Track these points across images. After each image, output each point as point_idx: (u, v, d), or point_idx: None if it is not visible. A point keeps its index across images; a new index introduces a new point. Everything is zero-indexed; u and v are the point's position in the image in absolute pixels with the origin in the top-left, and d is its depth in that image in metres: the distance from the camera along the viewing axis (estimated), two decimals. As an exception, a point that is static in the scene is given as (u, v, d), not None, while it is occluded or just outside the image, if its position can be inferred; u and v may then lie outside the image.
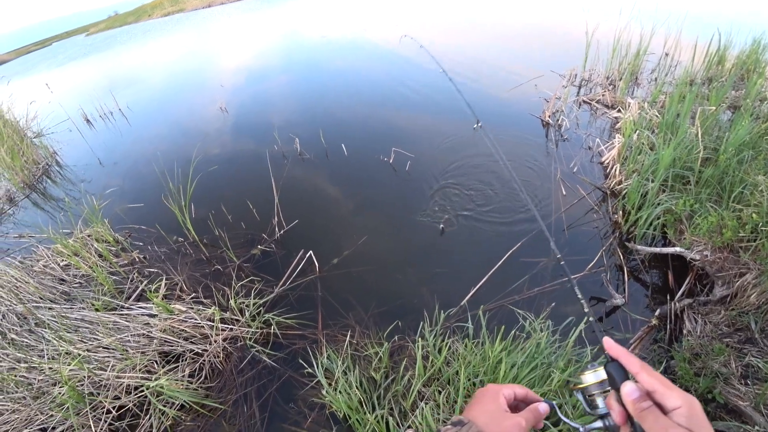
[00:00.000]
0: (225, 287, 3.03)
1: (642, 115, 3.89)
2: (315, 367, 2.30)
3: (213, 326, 2.64)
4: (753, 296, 2.29)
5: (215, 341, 2.59)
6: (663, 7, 6.81)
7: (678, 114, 3.50)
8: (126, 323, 2.74)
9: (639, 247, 2.91)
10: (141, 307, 2.89)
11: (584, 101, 5.12)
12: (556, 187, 3.65)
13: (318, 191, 4.20)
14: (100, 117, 7.62)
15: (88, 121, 7.53)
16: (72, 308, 2.96)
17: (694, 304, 2.52)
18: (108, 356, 2.51)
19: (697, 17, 6.71)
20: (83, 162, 5.86)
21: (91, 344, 2.59)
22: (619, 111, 4.59)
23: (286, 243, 3.49)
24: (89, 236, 3.67)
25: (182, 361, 2.53)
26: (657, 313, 2.49)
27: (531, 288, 2.77)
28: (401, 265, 3.15)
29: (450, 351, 2.24)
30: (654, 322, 2.45)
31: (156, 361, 2.51)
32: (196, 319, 2.67)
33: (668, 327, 2.44)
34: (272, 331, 2.70)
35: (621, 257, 2.90)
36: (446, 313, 2.55)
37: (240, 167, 4.88)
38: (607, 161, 3.86)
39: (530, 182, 3.75)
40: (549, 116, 4.76)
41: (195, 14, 24.50)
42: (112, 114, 7.71)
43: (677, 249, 2.68)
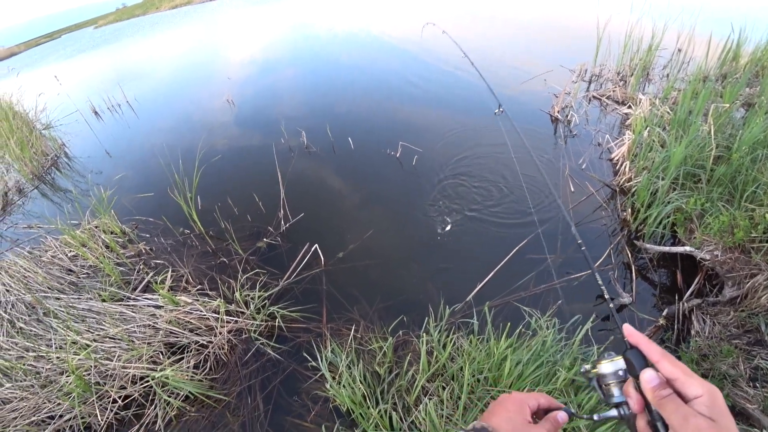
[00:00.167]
0: (230, 279, 3.04)
1: (653, 112, 3.83)
2: (319, 361, 2.30)
3: (218, 318, 2.65)
4: (764, 298, 2.26)
5: (220, 333, 2.60)
6: (676, 2, 6.69)
7: (690, 111, 3.44)
8: (132, 314, 2.76)
9: (648, 246, 2.87)
10: (147, 299, 2.91)
11: (594, 97, 5.05)
12: (564, 184, 3.61)
13: (324, 185, 4.19)
14: (108, 109, 7.66)
15: (96, 113, 7.57)
16: (79, 298, 2.99)
17: (703, 305, 2.49)
18: (114, 346, 2.53)
19: (712, 12, 6.57)
20: (91, 154, 5.90)
21: (98, 334, 2.62)
22: (630, 107, 4.52)
23: (292, 236, 3.50)
24: (97, 227, 3.70)
25: (187, 353, 2.55)
26: (665, 313, 2.46)
27: (537, 285, 2.75)
28: (406, 260, 3.14)
29: (455, 347, 2.23)
30: (661, 322, 2.43)
31: (161, 352, 2.53)
32: (202, 311, 2.68)
33: (676, 327, 2.41)
34: (277, 324, 2.70)
35: (629, 256, 2.87)
36: (451, 309, 2.54)
37: (246, 160, 4.88)
38: (617, 158, 3.81)
39: (536, 178, 3.71)
40: (558, 112, 4.70)
41: (203, 6, 24.51)
42: (120, 106, 7.74)
43: (687, 248, 2.64)
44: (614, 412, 0.60)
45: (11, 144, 5.40)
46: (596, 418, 0.63)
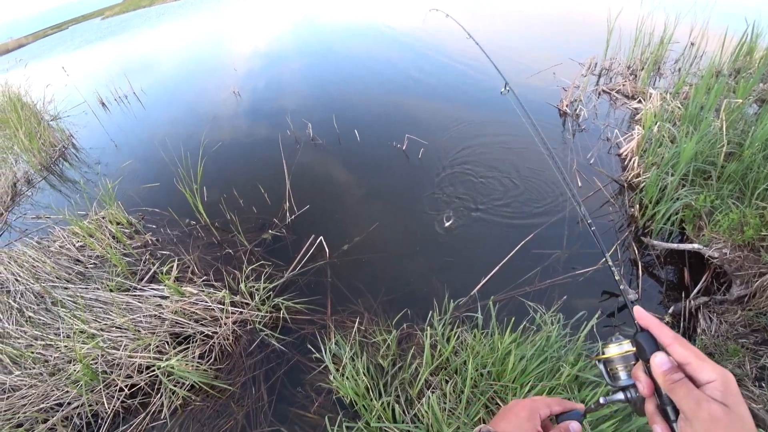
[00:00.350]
0: (235, 271, 3.06)
1: (664, 107, 3.77)
2: (323, 353, 2.31)
3: (223, 309, 2.67)
4: (773, 296, 2.23)
5: (225, 324, 2.62)
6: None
7: (702, 106, 3.38)
8: (138, 304, 2.79)
9: (655, 243, 2.84)
10: (153, 289, 2.94)
11: (603, 91, 4.98)
12: (572, 178, 3.57)
13: (330, 177, 4.19)
14: (115, 100, 7.67)
15: (104, 105, 7.59)
16: (87, 288, 3.02)
17: (710, 303, 2.46)
18: (121, 336, 2.56)
19: (727, 5, 6.43)
20: (99, 145, 5.92)
21: (105, 324, 2.65)
22: (640, 102, 4.45)
23: (297, 228, 3.50)
24: (104, 218, 3.73)
25: (192, 343, 2.57)
26: (671, 311, 2.45)
27: (543, 280, 2.74)
28: (411, 254, 3.14)
29: (458, 341, 2.23)
30: (667, 320, 2.41)
31: (167, 342, 2.55)
32: (207, 302, 2.70)
33: (682, 325, 2.39)
34: (281, 316, 2.72)
35: (636, 252, 2.84)
36: (455, 303, 2.53)
37: (252, 152, 4.88)
38: (626, 153, 3.76)
39: (544, 172, 3.68)
40: (567, 106, 4.65)
41: (209, -3, 24.37)
42: (127, 97, 7.76)
43: (695, 246, 2.61)
44: (621, 395, 0.59)
45: (20, 135, 5.44)
46: (602, 401, 0.62)
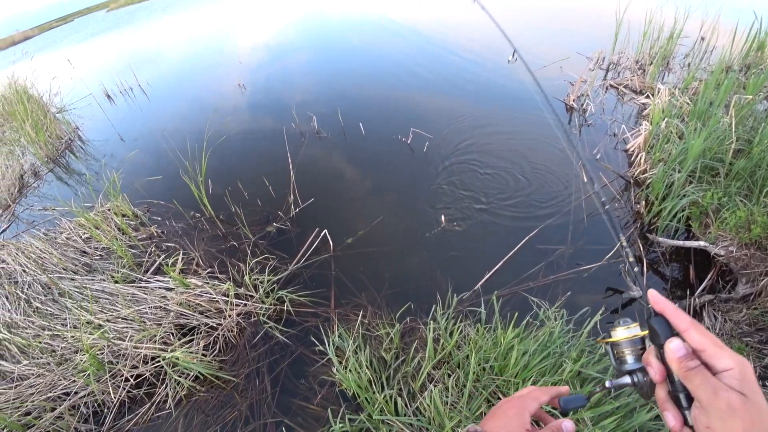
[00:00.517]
0: (240, 263, 3.07)
1: (672, 102, 3.73)
2: (326, 345, 2.33)
3: (227, 301, 2.69)
4: (779, 294, 2.21)
5: (229, 316, 2.64)
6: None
7: (711, 102, 3.34)
8: (144, 296, 2.81)
9: (661, 240, 2.83)
10: (158, 281, 2.96)
11: (611, 85, 4.92)
12: (578, 173, 3.55)
13: (334, 170, 4.18)
14: (121, 93, 7.69)
15: (109, 97, 7.61)
16: (93, 279, 3.05)
17: (715, 301, 2.45)
18: (126, 327, 2.58)
19: (738, 0, 6.32)
20: (104, 137, 5.95)
21: (111, 315, 2.67)
22: (648, 97, 4.40)
23: (301, 221, 3.51)
24: (110, 210, 3.75)
25: (197, 334, 2.59)
26: (676, 307, 2.43)
27: (547, 275, 2.73)
28: (415, 247, 3.14)
29: (461, 335, 2.23)
30: (672, 316, 2.39)
31: (172, 333, 2.58)
32: (212, 294, 2.72)
33: (687, 321, 2.37)
34: (285, 308, 2.73)
35: (641, 249, 2.82)
36: (459, 297, 2.54)
37: (257, 144, 4.88)
38: (632, 149, 3.73)
39: (550, 167, 3.66)
40: (573, 100, 4.60)
41: (214, -10, 24.25)
42: (132, 90, 7.77)
43: (701, 243, 2.59)
44: (627, 379, 0.58)
45: (26, 127, 5.47)
46: (608, 385, 0.61)
